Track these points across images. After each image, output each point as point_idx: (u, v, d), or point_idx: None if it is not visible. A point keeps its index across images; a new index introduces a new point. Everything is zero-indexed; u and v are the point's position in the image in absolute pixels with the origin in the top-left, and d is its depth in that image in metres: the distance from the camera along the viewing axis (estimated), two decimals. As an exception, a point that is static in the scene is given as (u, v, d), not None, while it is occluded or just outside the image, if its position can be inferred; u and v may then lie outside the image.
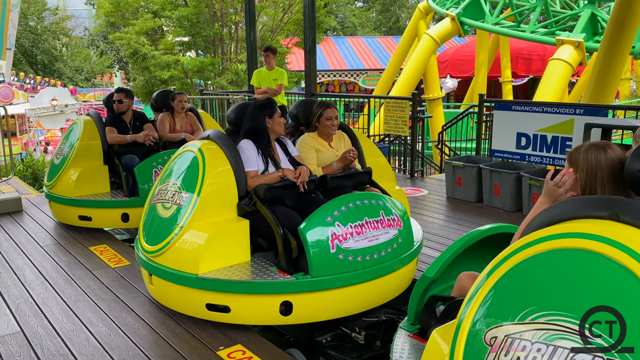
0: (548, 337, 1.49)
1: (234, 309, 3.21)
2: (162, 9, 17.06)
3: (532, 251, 1.66)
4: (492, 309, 1.67)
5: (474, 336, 1.66)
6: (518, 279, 1.67)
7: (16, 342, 3.17)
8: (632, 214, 1.56)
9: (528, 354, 1.47)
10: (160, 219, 3.55)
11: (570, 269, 1.56)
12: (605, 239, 1.51)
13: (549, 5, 11.94)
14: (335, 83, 25.60)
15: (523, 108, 6.13)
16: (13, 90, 20.46)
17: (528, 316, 1.55)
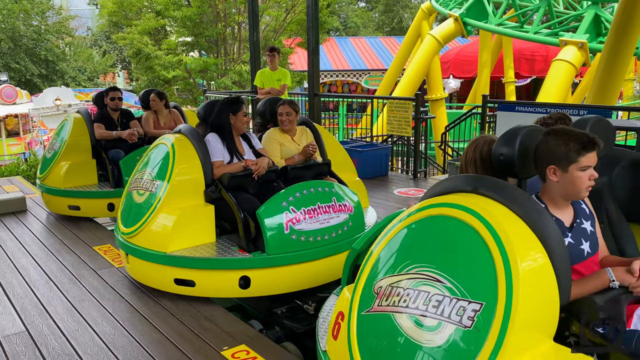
0: (416, 284, 1.87)
1: (198, 283, 3.64)
2: (166, 8, 17.10)
3: (415, 217, 2.08)
4: (380, 265, 2.09)
5: (366, 287, 2.09)
6: (402, 239, 2.09)
7: (21, 342, 3.19)
8: (487, 187, 1.97)
9: (401, 297, 1.88)
10: (135, 204, 3.96)
11: (438, 231, 1.98)
12: (465, 207, 1.93)
13: (552, 6, 11.92)
14: (338, 83, 25.60)
15: (526, 109, 6.13)
16: (16, 90, 20.51)
17: (404, 269, 1.95)
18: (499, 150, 2.20)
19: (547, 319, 1.79)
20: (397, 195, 6.59)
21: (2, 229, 5.47)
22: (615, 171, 2.53)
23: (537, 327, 1.75)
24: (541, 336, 1.77)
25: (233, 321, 3.44)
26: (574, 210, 2.12)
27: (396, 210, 5.91)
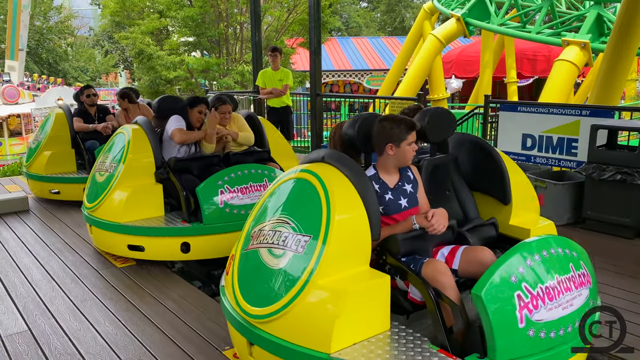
0: (274, 227, 2.61)
1: (147, 249, 4.31)
2: (168, 9, 17.11)
3: (283, 180, 2.83)
4: (257, 215, 2.82)
5: (247, 233, 2.80)
6: (272, 196, 2.81)
7: (24, 341, 3.19)
8: (331, 158, 2.68)
9: (265, 237, 2.62)
10: (96, 184, 4.66)
11: (293, 189, 2.73)
12: (311, 172, 2.65)
13: (554, 6, 11.89)
14: (340, 83, 25.60)
15: (529, 109, 6.12)
16: (19, 90, 20.55)
17: (271, 216, 2.70)
18: (346, 131, 2.92)
19: (361, 249, 2.51)
20: (399, 195, 6.58)
21: (5, 229, 5.48)
22: (460, 151, 3.26)
23: (351, 254, 2.48)
24: (357, 261, 2.50)
25: (235, 321, 3.43)
26: (399, 176, 2.83)
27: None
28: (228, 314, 2.78)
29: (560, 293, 2.33)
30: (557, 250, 2.42)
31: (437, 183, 3.13)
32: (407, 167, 2.88)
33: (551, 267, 2.35)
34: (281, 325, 2.43)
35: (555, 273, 2.35)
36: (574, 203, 5.26)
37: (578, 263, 2.48)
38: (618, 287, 3.79)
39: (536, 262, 2.32)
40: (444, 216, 2.65)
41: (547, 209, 5.32)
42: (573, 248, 2.52)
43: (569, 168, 5.75)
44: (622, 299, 3.60)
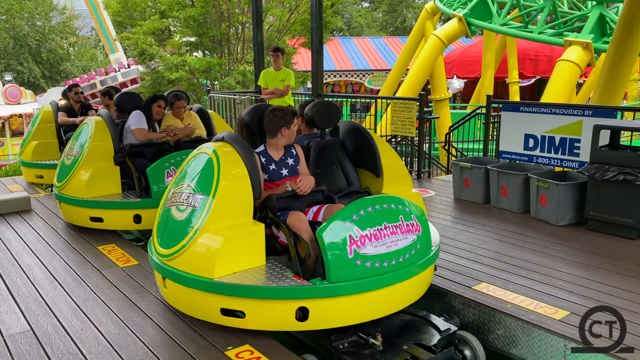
0: (182, 190, 3.49)
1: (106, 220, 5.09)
2: (170, 9, 17.11)
3: (193, 155, 3.70)
4: (174, 182, 3.69)
5: (165, 196, 3.72)
6: (184, 167, 3.69)
7: (26, 341, 3.19)
8: (228, 138, 3.57)
9: (175, 197, 3.51)
10: (64, 166, 5.43)
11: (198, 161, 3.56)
12: (212, 148, 3.52)
13: (556, 6, 11.88)
14: (341, 83, 25.59)
15: (531, 109, 6.11)
16: (21, 89, 20.58)
17: (181, 182, 3.58)
18: (243, 118, 3.85)
19: (244, 205, 3.38)
20: (401, 195, 6.58)
21: (7, 229, 5.49)
22: (347, 136, 4.12)
23: (236, 209, 3.34)
24: (241, 214, 3.35)
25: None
26: (284, 152, 3.71)
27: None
28: (150, 259, 3.63)
29: (386, 235, 3.18)
30: (389, 206, 3.27)
31: (325, 160, 4.01)
32: (292, 146, 3.77)
33: (381, 217, 3.19)
34: (181, 261, 3.32)
35: (384, 221, 3.19)
36: (577, 203, 5.25)
37: (409, 216, 3.33)
38: (619, 288, 3.78)
39: (368, 212, 3.17)
40: (310, 182, 3.61)
41: (549, 209, 5.32)
42: (407, 205, 3.39)
43: (571, 168, 5.74)
44: (623, 299, 3.59)
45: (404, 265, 3.23)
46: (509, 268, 4.18)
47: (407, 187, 4.12)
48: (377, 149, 3.96)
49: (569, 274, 4.05)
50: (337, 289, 3.04)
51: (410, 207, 3.40)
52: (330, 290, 3.04)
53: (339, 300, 3.08)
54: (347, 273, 3.04)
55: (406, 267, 3.24)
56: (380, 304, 3.23)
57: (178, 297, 3.44)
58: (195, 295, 3.27)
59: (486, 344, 3.51)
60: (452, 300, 3.75)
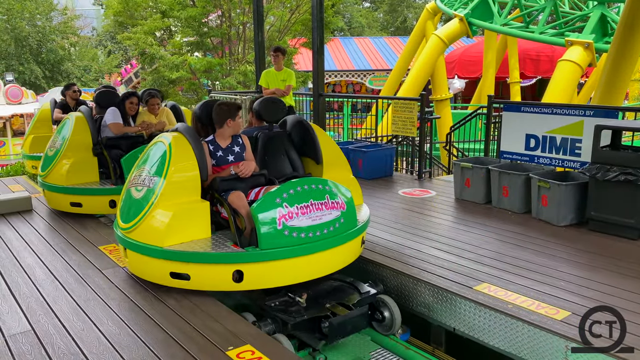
0: (141, 172, 4.09)
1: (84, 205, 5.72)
2: (171, 9, 17.12)
3: (152, 144, 4.29)
4: (136, 166, 4.23)
5: (129, 179, 4.26)
6: (144, 155, 4.26)
7: (27, 341, 3.19)
8: (182, 129, 4.14)
9: (135, 179, 4.10)
10: (47, 157, 6.03)
11: (154, 149, 4.16)
12: (167, 137, 4.08)
13: (558, 6, 11.87)
14: (342, 83, 25.59)
15: (532, 109, 6.10)
16: (22, 89, 20.59)
17: (141, 166, 4.16)
18: (195, 111, 4.46)
19: (192, 186, 3.95)
20: (402, 195, 6.58)
21: (8, 228, 5.49)
22: (293, 129, 4.72)
23: (184, 189, 3.92)
24: (189, 193, 3.93)
25: (238, 321, 3.43)
26: (231, 141, 4.27)
27: (402, 211, 5.90)
28: (115, 234, 4.25)
29: (312, 211, 3.75)
30: (317, 186, 3.86)
31: (273, 149, 4.59)
32: (239, 135, 4.35)
33: (308, 195, 3.76)
34: (138, 233, 3.90)
35: (310, 199, 3.76)
36: (578, 204, 5.25)
37: (334, 195, 3.91)
38: (621, 288, 3.78)
39: (297, 191, 3.74)
40: (250, 166, 4.16)
41: (550, 209, 5.31)
42: (333, 186, 3.97)
43: (572, 168, 5.73)
44: (624, 300, 3.59)
45: (328, 236, 3.81)
46: (510, 268, 4.17)
47: (345, 172, 4.77)
48: (317, 140, 4.60)
49: (570, 274, 4.05)
50: (267, 254, 3.63)
51: (336, 188, 3.98)
52: (261, 256, 3.63)
53: (269, 265, 3.66)
54: (276, 242, 3.62)
55: (330, 238, 3.81)
56: (306, 269, 3.78)
57: (136, 265, 4.04)
58: (149, 261, 3.87)
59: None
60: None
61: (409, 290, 4.13)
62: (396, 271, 4.23)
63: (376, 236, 4.99)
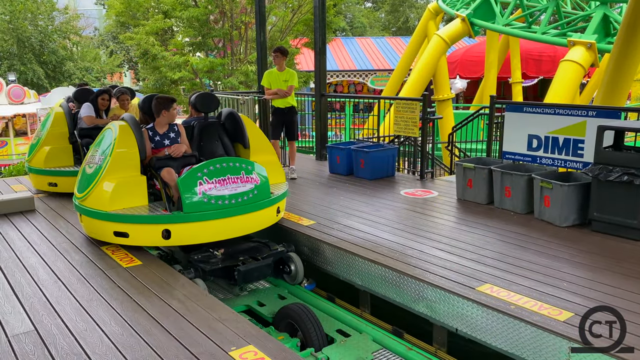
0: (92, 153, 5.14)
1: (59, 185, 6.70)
2: (173, 9, 17.13)
3: (105, 129, 5.28)
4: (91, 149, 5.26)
5: (85, 158, 5.29)
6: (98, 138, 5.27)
7: (30, 341, 3.20)
8: (126, 119, 5.12)
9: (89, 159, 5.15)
10: (32, 145, 7.20)
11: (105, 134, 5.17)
12: (115, 125, 5.11)
13: (560, 6, 11.85)
14: (344, 83, 25.59)
15: (534, 110, 6.09)
16: (24, 89, 20.62)
17: (94, 148, 5.16)
18: (139, 104, 5.55)
19: (133, 164, 4.86)
20: (404, 196, 6.57)
21: (11, 228, 5.50)
22: (226, 119, 5.63)
23: (126, 166, 4.83)
24: (130, 170, 4.85)
25: (241, 322, 3.44)
26: (168, 128, 5.16)
27: (404, 211, 5.89)
28: (74, 204, 5.13)
29: (228, 183, 4.66)
30: (234, 164, 4.78)
31: (208, 135, 5.49)
32: (175, 124, 5.25)
33: (226, 171, 4.69)
34: (89, 201, 4.86)
35: (228, 174, 4.69)
36: (580, 204, 5.24)
37: (250, 172, 4.84)
38: (623, 289, 3.77)
39: (216, 167, 4.66)
40: (180, 148, 5.09)
41: (553, 210, 5.31)
42: (249, 164, 4.89)
43: (575, 169, 5.72)
44: (627, 301, 3.58)
45: (242, 204, 4.73)
46: (512, 269, 4.17)
47: (269, 156, 5.71)
48: (245, 129, 5.55)
49: (573, 275, 4.04)
50: (189, 217, 4.55)
51: (252, 167, 4.91)
52: (184, 218, 4.56)
53: (191, 225, 4.59)
54: (196, 207, 4.54)
55: (243, 205, 4.74)
56: (223, 230, 4.71)
57: (88, 226, 5.03)
58: (97, 223, 4.84)
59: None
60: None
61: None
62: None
63: (378, 236, 4.99)
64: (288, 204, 6.16)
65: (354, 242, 4.87)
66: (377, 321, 4.60)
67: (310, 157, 9.64)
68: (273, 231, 5.39)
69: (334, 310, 4.69)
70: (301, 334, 4.15)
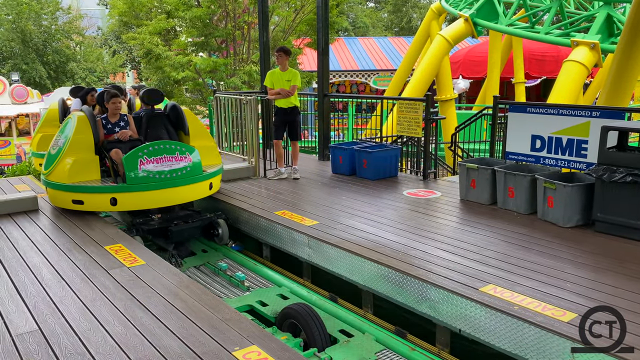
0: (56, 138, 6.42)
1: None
2: (176, 9, 17.16)
3: (69, 117, 6.54)
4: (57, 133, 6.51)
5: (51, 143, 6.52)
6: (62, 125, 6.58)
7: (34, 340, 3.21)
8: (85, 110, 6.42)
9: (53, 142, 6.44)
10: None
11: (68, 121, 6.35)
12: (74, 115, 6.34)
13: (563, 7, 11.82)
14: (346, 83, 25.58)
15: (538, 110, 6.08)
16: (28, 89, 20.65)
17: (58, 134, 6.42)
18: (96, 97, 7.61)
19: (88, 146, 6.11)
20: (407, 196, 6.57)
21: (14, 228, 5.51)
22: (171, 111, 6.74)
23: (83, 147, 6.07)
24: (86, 150, 6.09)
25: (244, 322, 3.44)
26: (119, 118, 6.37)
27: (407, 212, 5.89)
28: (41, 180, 6.26)
29: (164, 161, 5.77)
30: (170, 146, 5.89)
31: (154, 124, 6.65)
32: (125, 115, 6.44)
33: (163, 151, 5.79)
34: (52, 175, 5.98)
35: (164, 154, 5.79)
36: (584, 205, 5.23)
37: (184, 152, 5.93)
38: (628, 290, 3.76)
39: (155, 148, 5.76)
40: (126, 133, 6.28)
41: (556, 210, 5.30)
42: (184, 147, 6.00)
43: (578, 170, 5.71)
44: (631, 302, 3.57)
45: (175, 178, 5.86)
46: (516, 269, 4.16)
47: (206, 141, 6.72)
48: (185, 118, 6.66)
49: (576, 275, 4.03)
50: (131, 187, 5.71)
51: (186, 148, 6.02)
52: (127, 188, 5.72)
53: (132, 194, 5.75)
54: (137, 180, 5.70)
55: (176, 179, 5.86)
56: (160, 199, 5.88)
57: (52, 196, 6.15)
58: (59, 193, 5.99)
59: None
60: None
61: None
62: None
63: (381, 237, 4.98)
64: (291, 204, 6.16)
65: (357, 242, 4.87)
66: (380, 321, 4.60)
67: (312, 157, 9.64)
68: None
69: (337, 310, 4.69)
70: (304, 334, 4.15)
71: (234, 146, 8.94)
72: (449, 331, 4.00)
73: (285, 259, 5.76)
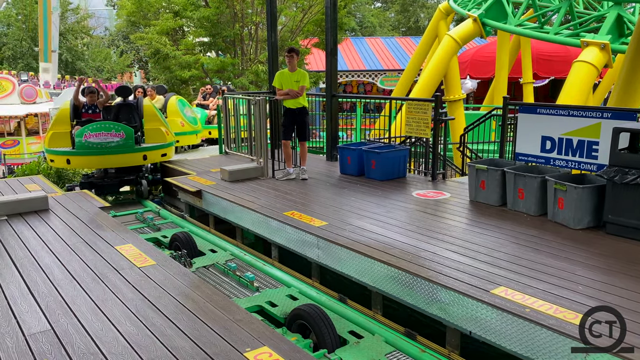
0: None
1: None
2: (184, 9, 17.21)
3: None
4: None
5: None
6: None
7: (47, 340, 3.23)
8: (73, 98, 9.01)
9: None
10: None
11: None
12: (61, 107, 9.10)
13: (573, 7, 11.74)
14: (353, 83, 25.57)
15: (548, 111, 6.05)
16: (37, 89, 20.79)
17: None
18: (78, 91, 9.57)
19: (65, 122, 8.61)
20: (416, 197, 6.55)
21: (26, 228, 5.55)
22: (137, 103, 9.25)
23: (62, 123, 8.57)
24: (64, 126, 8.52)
25: (255, 323, 3.45)
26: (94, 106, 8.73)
27: (416, 212, 5.88)
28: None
29: (102, 135, 7.94)
30: (109, 125, 8.03)
31: (124, 112, 8.86)
32: (95, 104, 8.52)
33: (103, 128, 7.98)
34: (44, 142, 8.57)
35: (103, 130, 7.97)
36: (595, 207, 5.20)
37: (119, 130, 8.00)
38: (637, 292, 3.74)
39: (96, 126, 7.98)
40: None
41: (566, 212, 5.27)
42: (120, 126, 8.04)
43: (589, 171, 5.67)
44: (636, 302, 3.55)
45: (110, 148, 7.88)
46: (526, 272, 4.14)
47: (157, 124, 8.76)
48: (142, 107, 8.91)
49: (587, 278, 4.01)
50: (77, 152, 7.80)
51: (121, 127, 7.97)
52: (75, 153, 7.83)
53: (79, 157, 7.91)
54: (82, 147, 7.80)
55: (112, 149, 7.88)
56: (100, 163, 8.07)
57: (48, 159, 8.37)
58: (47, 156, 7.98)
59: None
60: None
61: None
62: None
63: (391, 238, 4.98)
64: (300, 205, 6.17)
65: (367, 243, 4.86)
66: (390, 323, 4.59)
67: (320, 157, 9.64)
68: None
69: (346, 311, 4.68)
70: (314, 335, 4.16)
71: (242, 146, 8.96)
72: (460, 333, 3.99)
73: (293, 260, 5.76)
